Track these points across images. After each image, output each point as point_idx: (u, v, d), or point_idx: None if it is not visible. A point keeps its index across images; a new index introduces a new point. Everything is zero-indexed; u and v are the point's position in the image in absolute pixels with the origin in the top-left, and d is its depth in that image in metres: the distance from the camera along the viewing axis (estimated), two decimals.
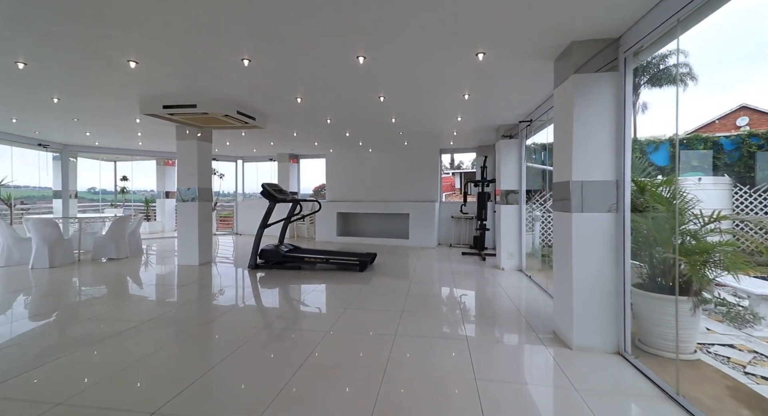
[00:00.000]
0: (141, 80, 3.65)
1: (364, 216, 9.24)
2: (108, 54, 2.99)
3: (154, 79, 3.63)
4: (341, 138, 7.12)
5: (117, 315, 3.41)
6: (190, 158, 5.81)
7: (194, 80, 3.70)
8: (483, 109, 4.81)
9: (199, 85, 3.84)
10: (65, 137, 7.19)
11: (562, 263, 2.85)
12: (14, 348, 2.69)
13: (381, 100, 4.38)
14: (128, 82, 3.70)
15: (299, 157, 9.95)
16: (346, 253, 6.00)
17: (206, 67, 3.33)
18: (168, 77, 3.57)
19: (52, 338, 2.91)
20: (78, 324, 3.18)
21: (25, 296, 4.11)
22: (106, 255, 6.30)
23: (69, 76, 3.51)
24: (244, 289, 4.53)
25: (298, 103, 4.40)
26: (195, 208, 5.83)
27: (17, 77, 3.53)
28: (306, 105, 4.57)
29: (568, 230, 2.69)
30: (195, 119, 4.58)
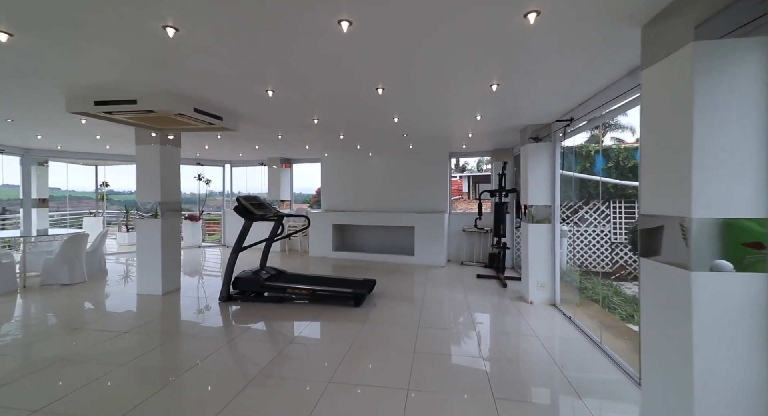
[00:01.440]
0: (53, 66, 2.66)
1: (364, 229, 8.22)
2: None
3: (67, 65, 2.63)
4: (334, 140, 6.10)
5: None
6: (151, 166, 4.82)
7: (126, 69, 2.71)
8: (512, 103, 3.77)
9: (135, 75, 2.85)
10: (19, 141, 6.24)
11: (665, 347, 1.79)
12: None
13: (379, 93, 3.36)
14: (38, 69, 2.72)
15: (292, 161, 8.95)
16: (339, 281, 4.97)
17: (137, 50, 2.33)
18: (86, 62, 2.57)
19: None
20: None
21: None
22: (56, 280, 5.33)
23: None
24: (202, 340, 3.51)
25: (270, 97, 3.38)
26: (157, 225, 4.84)
27: None
28: (281, 99, 3.56)
29: (684, 298, 1.63)
30: (144, 119, 3.58)
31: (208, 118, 3.70)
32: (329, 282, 4.90)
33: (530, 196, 4.64)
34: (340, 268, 6.85)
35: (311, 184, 12.74)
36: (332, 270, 6.71)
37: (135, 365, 2.88)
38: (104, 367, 2.82)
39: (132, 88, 3.12)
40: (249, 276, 4.67)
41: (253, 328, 3.76)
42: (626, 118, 11.80)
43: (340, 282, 4.93)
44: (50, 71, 2.79)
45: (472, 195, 16.35)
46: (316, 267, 6.98)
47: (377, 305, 4.50)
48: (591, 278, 6.20)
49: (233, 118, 4.18)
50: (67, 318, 4.00)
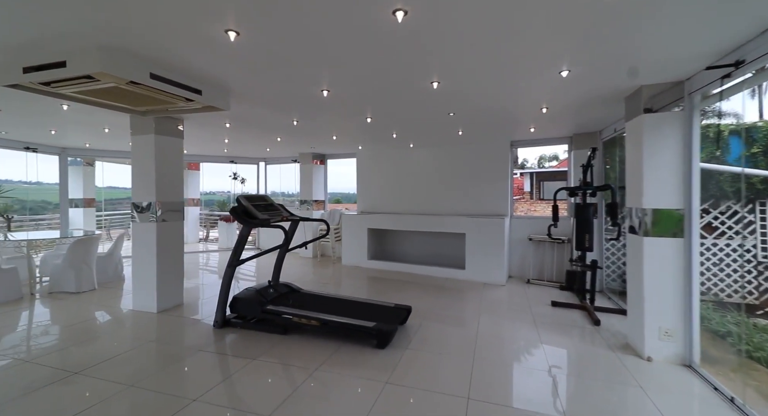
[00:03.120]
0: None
1: (404, 236, 6.96)
2: None
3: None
4: (363, 126, 4.93)
5: None
6: (145, 159, 4.08)
7: (48, 12, 1.80)
8: (621, 42, 2.28)
9: (63, 22, 1.95)
10: (44, 138, 6.03)
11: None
12: None
13: (407, 32, 2.10)
14: None
15: (326, 156, 8.00)
16: (362, 307, 3.79)
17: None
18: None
19: None
20: None
21: None
22: (63, 287, 4.88)
23: None
24: (167, 389, 2.54)
25: (267, 54, 2.29)
26: (152, 230, 4.08)
27: None
28: (280, 61, 2.47)
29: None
30: (99, 94, 2.72)
31: (177, 90, 2.74)
32: (349, 308, 3.74)
33: (646, 195, 3.03)
34: (374, 282, 5.68)
35: (348, 184, 11.85)
36: (364, 284, 5.56)
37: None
38: None
39: (63, 44, 2.24)
40: (249, 297, 3.69)
41: (237, 377, 2.72)
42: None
43: (363, 308, 3.74)
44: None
45: (536, 195, 14.21)
46: (347, 279, 5.89)
47: (410, 346, 3.23)
48: (729, 313, 4.27)
49: (220, 92, 3.19)
50: (16, 341, 3.33)
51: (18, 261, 5.05)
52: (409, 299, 4.67)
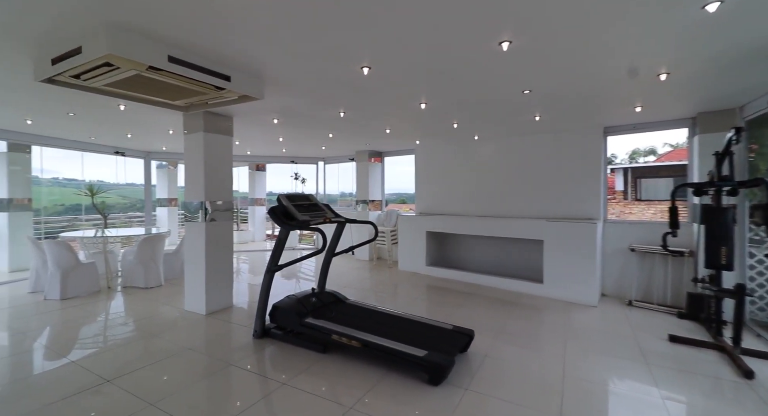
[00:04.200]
0: None
1: (468, 241, 6.15)
2: None
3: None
4: (417, 115, 4.30)
5: None
6: (195, 158, 4.01)
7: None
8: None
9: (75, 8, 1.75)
10: (128, 143, 6.56)
11: None
12: None
13: (491, 12, 1.45)
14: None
15: (383, 154, 7.54)
16: (413, 327, 3.18)
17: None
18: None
19: None
20: None
21: None
22: (134, 283, 5.16)
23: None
24: (198, 407, 2.25)
25: (305, 37, 1.85)
26: (201, 230, 3.99)
27: None
28: (325, 48, 2.03)
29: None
30: (128, 85, 2.56)
31: (202, 76, 2.45)
32: (398, 326, 3.16)
33: None
34: (432, 292, 5.03)
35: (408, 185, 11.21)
36: (421, 294, 4.94)
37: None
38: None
39: (76, 28, 2.06)
40: (289, 306, 3.33)
41: (259, 407, 2.33)
42: None
43: (414, 329, 3.13)
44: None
45: (631, 194, 11.98)
46: (402, 287, 5.33)
47: (472, 385, 2.54)
48: None
49: (252, 78, 2.86)
50: (68, 339, 3.39)
51: (101, 257, 5.48)
52: (473, 317, 3.93)
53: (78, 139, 6.07)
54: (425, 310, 4.22)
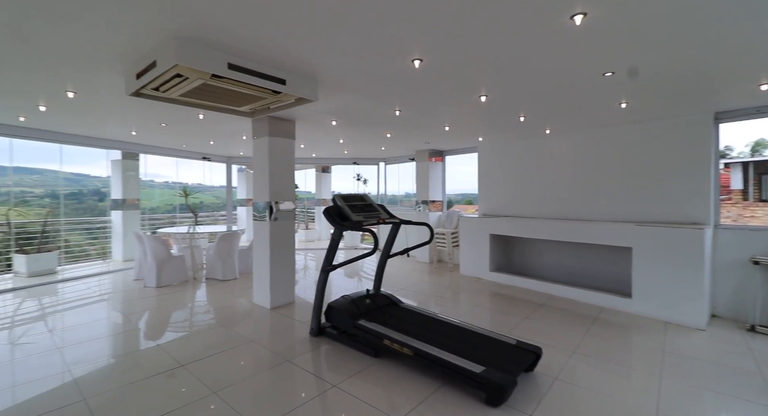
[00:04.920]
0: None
1: (538, 245, 5.58)
2: None
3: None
4: (477, 110, 3.99)
5: None
6: (261, 161, 4.26)
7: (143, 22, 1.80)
8: None
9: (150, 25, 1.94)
10: (212, 149, 7.31)
11: None
12: None
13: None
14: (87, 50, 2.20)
15: (444, 153, 7.26)
16: (470, 336, 2.93)
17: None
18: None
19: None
20: None
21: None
22: (214, 275, 5.70)
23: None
24: (252, 401, 2.34)
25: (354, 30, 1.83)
26: (266, 229, 4.23)
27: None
28: (380, 39, 1.96)
29: None
30: (198, 94, 2.78)
31: (259, 81, 2.54)
32: (455, 336, 2.94)
33: None
34: (496, 300, 4.65)
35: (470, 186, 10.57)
36: (483, 301, 4.60)
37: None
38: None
39: (151, 44, 2.28)
40: (343, 307, 3.33)
41: (306, 408, 2.32)
42: None
43: (473, 340, 2.88)
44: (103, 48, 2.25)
45: (753, 195, 9.76)
46: (463, 293, 5.04)
47: (538, 412, 2.22)
48: None
49: (306, 80, 2.89)
50: (159, 323, 3.79)
51: (193, 251, 6.17)
52: (542, 332, 3.51)
53: (172, 146, 6.94)
54: (487, 320, 3.90)
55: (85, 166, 8.20)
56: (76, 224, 7.65)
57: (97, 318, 3.91)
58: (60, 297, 4.75)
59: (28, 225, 6.54)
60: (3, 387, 2.49)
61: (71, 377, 2.64)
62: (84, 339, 3.34)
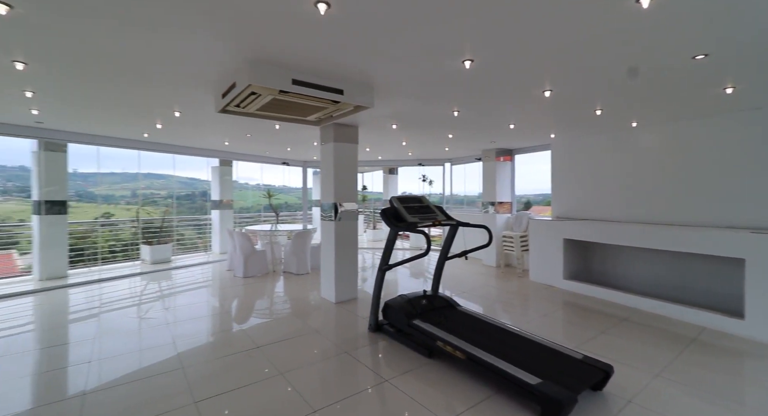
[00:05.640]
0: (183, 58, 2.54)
1: (621, 253, 4.95)
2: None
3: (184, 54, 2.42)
4: (543, 105, 3.71)
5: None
6: (327, 165, 4.59)
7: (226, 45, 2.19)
8: None
9: (232, 48, 2.32)
10: (290, 155, 8.05)
11: None
12: None
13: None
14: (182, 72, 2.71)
15: (513, 152, 6.87)
16: (529, 345, 2.78)
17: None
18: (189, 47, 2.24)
19: None
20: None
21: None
22: (289, 269, 6.30)
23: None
24: (314, 385, 2.59)
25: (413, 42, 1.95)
26: (331, 229, 4.54)
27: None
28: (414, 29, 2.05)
29: None
30: (266, 108, 3.14)
31: (320, 93, 2.77)
32: (512, 344, 2.82)
33: None
34: (569, 310, 4.29)
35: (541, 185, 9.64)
36: (554, 310, 4.27)
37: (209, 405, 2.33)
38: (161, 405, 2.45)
39: (230, 68, 2.66)
40: (399, 306, 3.42)
41: (359, 398, 2.47)
42: None
43: (531, 349, 2.73)
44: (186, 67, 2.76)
45: None
46: (532, 301, 4.74)
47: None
48: None
49: (362, 88, 3.05)
50: (245, 309, 4.31)
51: (273, 247, 6.90)
52: (621, 348, 3.15)
53: (257, 153, 7.84)
54: (555, 331, 3.63)
55: (195, 171, 9.94)
56: (187, 221, 9.12)
57: (198, 301, 4.65)
58: (172, 282, 5.74)
59: (151, 221, 8.01)
60: (131, 351, 3.15)
61: (176, 347, 3.21)
62: (187, 317, 4.02)
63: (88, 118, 4.51)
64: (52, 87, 3.21)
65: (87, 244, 7.23)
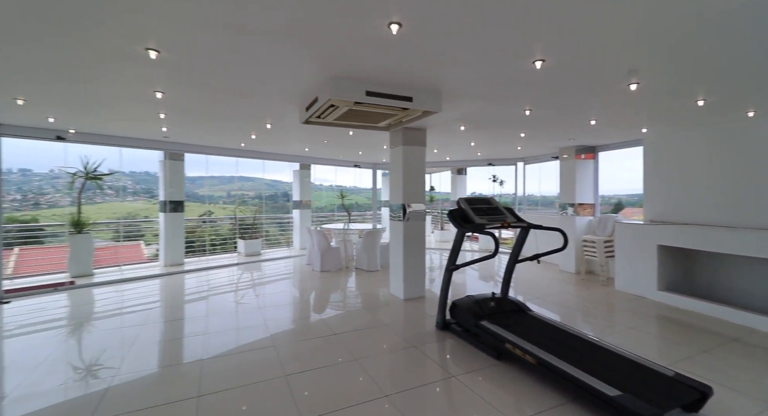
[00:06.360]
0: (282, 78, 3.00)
1: (734, 263, 4.23)
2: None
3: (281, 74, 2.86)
4: (629, 98, 3.39)
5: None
6: (396, 167, 4.81)
7: (318, 63, 2.57)
8: None
9: (319, 67, 2.68)
10: (361, 158, 8.51)
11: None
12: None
13: None
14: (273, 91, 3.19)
15: (596, 149, 6.30)
16: (609, 356, 2.62)
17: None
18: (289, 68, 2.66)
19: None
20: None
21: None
22: (360, 266, 6.68)
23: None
24: (385, 373, 2.82)
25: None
26: (400, 228, 4.75)
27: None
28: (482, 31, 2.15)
29: None
30: (343, 118, 3.44)
31: (391, 102, 2.97)
32: (588, 354, 2.68)
33: None
34: (663, 325, 3.86)
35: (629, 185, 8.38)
36: (644, 324, 3.88)
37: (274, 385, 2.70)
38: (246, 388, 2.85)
39: (315, 84, 3.01)
40: (467, 306, 3.47)
41: (425, 390, 2.61)
42: None
43: (612, 361, 2.57)
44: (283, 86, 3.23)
45: None
46: (617, 312, 4.36)
47: None
48: None
49: (430, 94, 3.16)
50: (322, 300, 4.72)
51: (345, 244, 7.39)
52: (725, 370, 2.77)
53: (332, 157, 8.45)
54: (643, 346, 3.31)
55: (278, 174, 11.25)
56: (272, 219, 10.21)
57: (282, 290, 5.25)
58: (262, 273, 6.54)
59: (244, 219, 9.17)
60: (233, 328, 3.73)
61: (267, 328, 3.71)
62: (275, 304, 4.58)
63: (201, 132, 5.40)
64: (179, 109, 3.96)
65: (195, 237, 8.57)
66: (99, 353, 3.15)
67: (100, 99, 3.54)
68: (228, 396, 2.47)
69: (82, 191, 6.19)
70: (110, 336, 3.51)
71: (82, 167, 6.20)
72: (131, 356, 3.07)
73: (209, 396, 2.46)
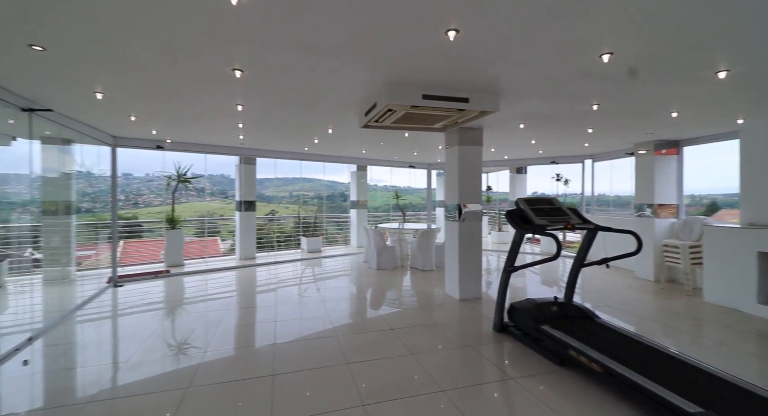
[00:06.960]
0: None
1: None
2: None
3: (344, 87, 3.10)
4: (720, 88, 3.01)
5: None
6: (452, 167, 4.81)
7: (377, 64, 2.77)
8: None
9: (371, 74, 2.86)
10: (416, 159, 8.60)
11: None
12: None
13: None
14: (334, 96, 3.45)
15: (680, 143, 5.63)
16: (689, 370, 2.39)
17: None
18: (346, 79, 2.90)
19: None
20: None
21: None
22: (416, 265, 6.77)
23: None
24: (442, 369, 2.90)
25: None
26: (455, 228, 4.75)
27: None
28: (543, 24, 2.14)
29: None
30: (399, 121, 3.55)
31: (447, 104, 3.02)
32: (665, 366, 2.47)
33: None
34: (763, 342, 3.37)
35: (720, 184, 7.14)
36: (737, 341, 3.43)
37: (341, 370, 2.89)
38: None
39: (371, 92, 3.17)
40: (527, 309, 3.38)
41: (483, 389, 2.62)
42: None
43: (692, 375, 2.34)
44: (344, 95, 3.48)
45: None
46: (707, 327, 3.91)
47: None
48: None
49: (487, 95, 3.13)
50: (379, 297, 4.89)
51: (401, 243, 7.54)
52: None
53: (387, 158, 8.66)
54: (736, 364, 2.95)
55: (335, 175, 11.94)
56: (331, 218, 10.75)
57: (342, 286, 5.55)
58: (323, 268, 6.95)
59: (306, 218, 9.79)
60: (299, 318, 4.07)
61: (329, 320, 3.98)
62: (336, 297, 4.87)
63: (271, 138, 5.94)
64: (254, 118, 4.43)
65: (262, 234, 9.36)
66: (190, 332, 3.67)
67: (194, 113, 4.10)
68: (298, 377, 2.74)
69: (175, 192, 7.16)
70: (200, 319, 4.06)
71: (175, 171, 7.17)
72: (217, 335, 3.53)
73: (282, 376, 2.75)
